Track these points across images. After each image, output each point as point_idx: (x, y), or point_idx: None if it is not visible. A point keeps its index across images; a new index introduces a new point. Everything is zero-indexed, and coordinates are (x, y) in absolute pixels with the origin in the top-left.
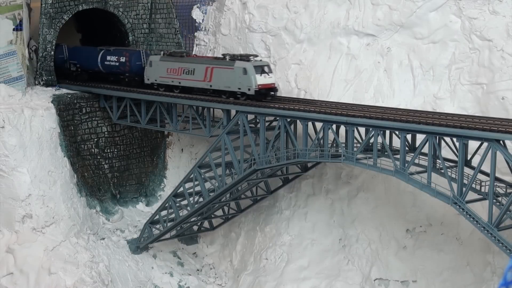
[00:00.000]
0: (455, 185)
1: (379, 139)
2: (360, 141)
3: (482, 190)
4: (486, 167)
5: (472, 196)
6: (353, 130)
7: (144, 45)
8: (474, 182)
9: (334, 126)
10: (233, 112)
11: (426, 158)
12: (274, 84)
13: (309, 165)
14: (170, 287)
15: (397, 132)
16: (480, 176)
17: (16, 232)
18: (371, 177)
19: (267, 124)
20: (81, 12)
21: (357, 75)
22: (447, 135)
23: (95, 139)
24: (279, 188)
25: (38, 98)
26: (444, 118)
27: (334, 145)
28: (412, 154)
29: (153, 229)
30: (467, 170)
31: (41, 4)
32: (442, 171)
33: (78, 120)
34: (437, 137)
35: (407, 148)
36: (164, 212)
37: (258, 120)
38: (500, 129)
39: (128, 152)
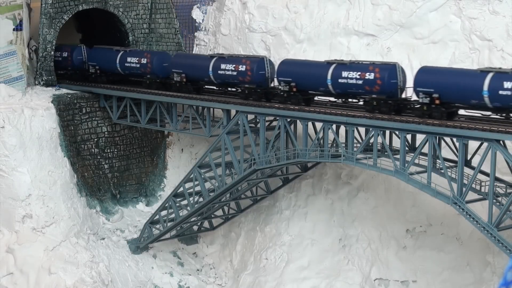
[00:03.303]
0: (455, 185)
1: (379, 139)
2: (360, 141)
3: (482, 190)
4: (486, 167)
5: (472, 196)
6: (353, 130)
7: (144, 45)
8: (474, 182)
9: (334, 126)
10: (233, 112)
11: (426, 158)
12: None
13: (309, 165)
14: (170, 287)
15: (397, 132)
16: (480, 176)
17: (16, 232)
18: (371, 177)
19: (267, 124)
20: (81, 12)
21: None
22: (447, 135)
23: (95, 139)
24: (279, 188)
25: (38, 98)
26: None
27: (334, 145)
28: (412, 154)
29: (153, 229)
30: (467, 170)
31: (41, 4)
32: (442, 171)
33: (78, 120)
34: (437, 137)
35: (407, 148)
36: (164, 212)
37: (258, 120)
38: (500, 129)
39: (128, 152)
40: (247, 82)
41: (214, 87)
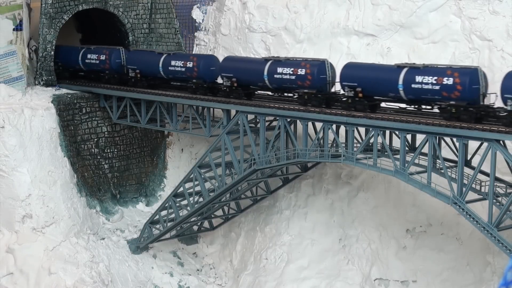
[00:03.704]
0: (455, 185)
1: (379, 139)
2: (360, 141)
3: (482, 190)
4: (486, 167)
5: (472, 196)
6: (353, 130)
7: (144, 45)
8: (474, 182)
9: (334, 126)
10: (233, 112)
11: (426, 158)
12: None
13: (309, 165)
14: (170, 287)
15: (397, 132)
16: (480, 176)
17: (16, 232)
18: (371, 177)
19: (267, 124)
20: (81, 12)
21: None
22: (447, 135)
23: (95, 139)
24: (279, 188)
25: (38, 98)
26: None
27: (334, 145)
28: (412, 154)
29: (153, 229)
30: (467, 170)
31: (41, 4)
32: (442, 171)
33: (78, 120)
34: (437, 137)
35: (407, 148)
36: (164, 212)
37: (258, 120)
38: (500, 129)
39: (128, 152)
40: (306, 87)
41: (268, 93)
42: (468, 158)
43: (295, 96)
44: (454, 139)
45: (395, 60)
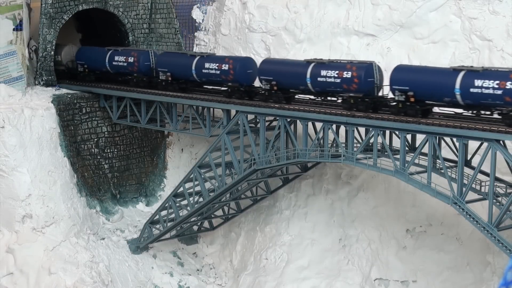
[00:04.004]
0: (455, 185)
1: (379, 139)
2: (360, 141)
3: (482, 190)
4: (486, 167)
5: (472, 196)
6: (353, 130)
7: (144, 45)
8: (474, 182)
9: (334, 126)
10: (233, 112)
11: (426, 158)
12: None
13: (309, 165)
14: (170, 287)
15: (397, 132)
16: (480, 176)
17: (16, 232)
18: (371, 177)
19: (267, 124)
20: (81, 12)
21: None
22: (447, 135)
23: (95, 139)
24: (279, 188)
25: (38, 98)
26: (444, 118)
27: (334, 145)
28: (412, 154)
29: (153, 229)
30: (467, 170)
31: (41, 4)
32: (442, 171)
33: (78, 120)
34: (437, 137)
35: (407, 148)
36: (164, 212)
37: (258, 120)
38: (500, 129)
39: (128, 152)
40: (352, 91)
41: (309, 96)
42: (468, 158)
43: (340, 100)
44: (454, 139)
45: (395, 60)
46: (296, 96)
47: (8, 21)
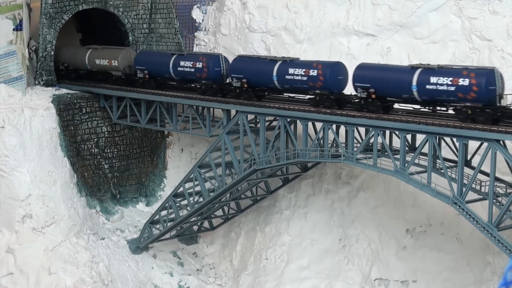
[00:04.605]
0: (455, 185)
1: (379, 139)
2: (360, 141)
3: (482, 190)
4: (486, 167)
5: (472, 196)
6: (353, 130)
7: (144, 45)
8: (474, 182)
9: (334, 126)
10: (233, 112)
11: (426, 158)
12: None
13: (309, 165)
14: (170, 287)
15: (397, 132)
16: (480, 176)
17: (16, 232)
18: (371, 177)
19: (267, 124)
20: (81, 12)
21: None
22: (447, 135)
23: (95, 139)
24: (279, 188)
25: (38, 98)
26: (444, 118)
27: (334, 145)
28: (412, 154)
29: (153, 229)
30: (467, 170)
31: (41, 4)
32: (442, 171)
33: (78, 120)
34: (437, 137)
35: (407, 148)
36: (164, 212)
37: (258, 120)
38: (500, 129)
39: (128, 152)
40: (470, 100)
41: (413, 106)
42: (468, 158)
43: (452, 110)
44: (454, 139)
45: (395, 60)
46: (396, 106)
47: (8, 21)
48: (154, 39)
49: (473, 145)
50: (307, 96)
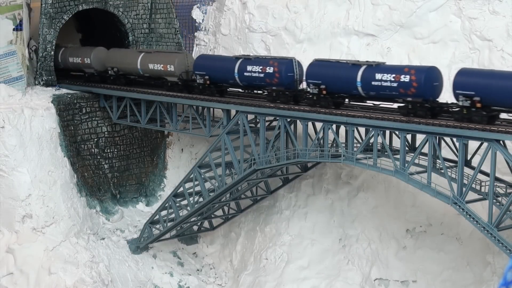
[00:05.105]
0: (455, 185)
1: (379, 139)
2: (360, 141)
3: (482, 190)
4: (486, 167)
5: (472, 196)
6: (353, 130)
7: (144, 45)
8: (474, 182)
9: (334, 126)
10: (233, 112)
11: (426, 158)
12: None
13: (309, 165)
14: (170, 287)
15: (397, 132)
16: (480, 176)
17: (16, 232)
18: (371, 177)
19: (267, 124)
20: (81, 12)
21: None
22: (447, 135)
23: (95, 139)
24: (279, 188)
25: (38, 98)
26: (444, 118)
27: (334, 145)
28: (412, 154)
29: (153, 229)
30: (467, 170)
31: (41, 4)
32: (442, 171)
33: (78, 120)
34: (437, 137)
35: (407, 148)
36: (164, 212)
37: (258, 120)
38: (500, 129)
39: (128, 152)
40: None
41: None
42: (468, 158)
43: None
44: (454, 139)
45: (395, 60)
46: (502, 116)
47: (8, 21)
48: (154, 39)
49: (473, 145)
50: (396, 105)
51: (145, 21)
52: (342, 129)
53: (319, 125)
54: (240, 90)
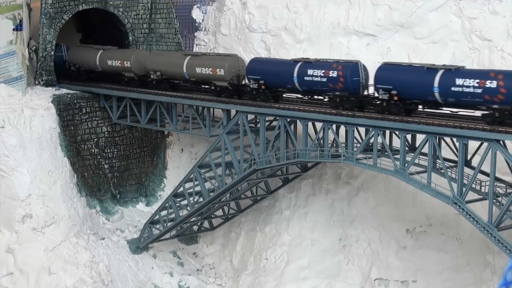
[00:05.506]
0: (455, 185)
1: (379, 139)
2: (360, 141)
3: (482, 190)
4: (486, 167)
5: (472, 196)
6: (353, 130)
7: (144, 45)
8: (474, 182)
9: (334, 126)
10: (233, 112)
11: (426, 158)
12: None
13: (309, 165)
14: (170, 287)
15: (397, 132)
16: (480, 176)
17: (16, 232)
18: (371, 177)
19: (267, 124)
20: (81, 12)
21: None
22: (447, 135)
23: (95, 139)
24: (279, 188)
25: (38, 98)
26: (444, 118)
27: (334, 145)
28: (412, 154)
29: (153, 229)
30: (467, 170)
31: (41, 4)
32: (442, 171)
33: (78, 120)
34: (437, 137)
35: (407, 148)
36: (164, 212)
37: (258, 120)
38: (500, 129)
39: (128, 152)
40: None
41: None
42: (468, 158)
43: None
44: (454, 139)
45: (395, 60)
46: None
47: (8, 21)
48: (154, 39)
49: (473, 145)
50: (478, 112)
51: (145, 21)
52: (342, 129)
53: (319, 125)
54: (297, 95)
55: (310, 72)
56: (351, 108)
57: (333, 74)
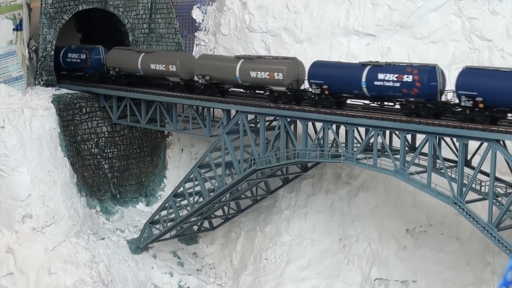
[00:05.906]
0: (455, 185)
1: (379, 139)
2: (360, 141)
3: (482, 190)
4: (486, 167)
5: (472, 196)
6: (353, 130)
7: (144, 45)
8: (474, 182)
9: (334, 126)
10: (233, 112)
11: (426, 158)
12: None
13: (309, 165)
14: (170, 287)
15: (397, 132)
16: (480, 176)
17: (16, 232)
18: (371, 177)
19: (267, 124)
20: (81, 12)
21: None
22: (447, 135)
23: (95, 139)
24: (279, 188)
25: (38, 98)
26: (444, 118)
27: (334, 145)
28: (412, 154)
29: (153, 229)
30: (467, 170)
31: (41, 4)
32: (442, 171)
33: (78, 120)
34: (437, 137)
35: (407, 148)
36: (164, 212)
37: (258, 120)
38: (500, 129)
39: (128, 152)
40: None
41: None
42: (468, 158)
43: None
44: (454, 139)
45: (395, 60)
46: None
47: (8, 21)
48: (154, 39)
49: (473, 145)
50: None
51: (145, 21)
52: (342, 129)
53: (319, 125)
54: (363, 101)
55: (381, 76)
56: (427, 116)
57: (407, 78)
